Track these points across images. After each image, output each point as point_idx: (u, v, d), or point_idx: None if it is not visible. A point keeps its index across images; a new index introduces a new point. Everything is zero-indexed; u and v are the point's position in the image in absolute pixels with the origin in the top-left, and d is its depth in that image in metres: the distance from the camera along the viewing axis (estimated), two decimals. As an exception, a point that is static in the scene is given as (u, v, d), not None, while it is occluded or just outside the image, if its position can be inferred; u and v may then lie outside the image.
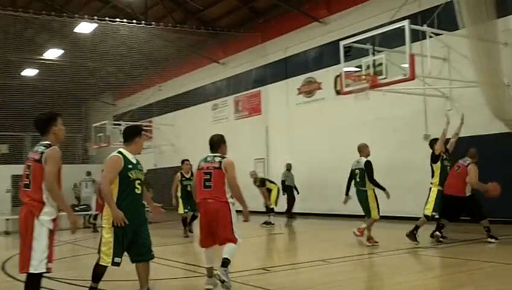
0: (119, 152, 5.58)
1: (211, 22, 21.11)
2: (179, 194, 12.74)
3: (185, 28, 19.88)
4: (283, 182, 17.14)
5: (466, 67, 12.23)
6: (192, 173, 12.23)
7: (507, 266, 7.25)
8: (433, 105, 13.99)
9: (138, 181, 5.54)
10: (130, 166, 5.51)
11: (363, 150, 10.11)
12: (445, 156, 10.10)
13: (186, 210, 12.52)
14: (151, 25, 19.21)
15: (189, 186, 12.18)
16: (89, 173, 23.79)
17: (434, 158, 10.10)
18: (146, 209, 5.88)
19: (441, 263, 8.42)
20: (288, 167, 17.43)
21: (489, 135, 12.40)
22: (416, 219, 10.09)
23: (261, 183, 15.17)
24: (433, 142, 10.42)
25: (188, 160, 12.98)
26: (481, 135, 12.58)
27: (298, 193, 17.27)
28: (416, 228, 9.63)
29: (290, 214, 17.14)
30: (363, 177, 9.82)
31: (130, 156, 5.59)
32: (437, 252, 9.08)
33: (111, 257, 5.34)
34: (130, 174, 5.45)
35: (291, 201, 17.22)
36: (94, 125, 26.04)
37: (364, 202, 9.79)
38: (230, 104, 22.34)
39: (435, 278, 6.97)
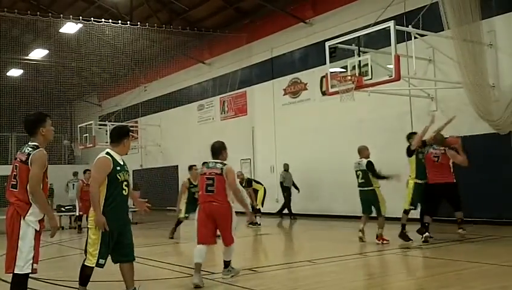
0: (108, 153, 5.52)
1: (197, 23, 21.06)
2: (185, 200, 12.07)
3: (170, 28, 19.81)
4: (281, 183, 17.06)
5: (451, 68, 12.34)
6: None
7: (492, 266, 7.32)
8: (419, 106, 14.09)
9: (125, 183, 5.52)
10: (119, 167, 5.46)
11: (363, 151, 10.27)
12: (420, 150, 10.16)
13: (187, 215, 11.89)
14: (136, 25, 19.13)
15: (196, 193, 11.56)
16: (75, 174, 23.61)
17: (409, 152, 10.19)
18: (133, 209, 5.91)
19: (429, 263, 8.47)
20: (286, 168, 17.28)
21: (474, 136, 12.52)
22: (394, 219, 10.17)
23: (248, 184, 15.17)
24: (410, 136, 10.49)
25: (195, 165, 12.14)
26: (466, 135, 12.68)
27: (299, 192, 17.05)
28: (403, 226, 9.71)
29: (290, 214, 16.93)
30: (367, 178, 9.95)
31: (117, 157, 5.54)
32: (424, 253, 9.14)
33: (96, 258, 5.31)
34: (118, 176, 5.42)
35: (286, 202, 17.08)
36: (80, 125, 25.86)
37: (374, 201, 9.93)
38: (216, 105, 22.31)
39: (422, 279, 7.01)
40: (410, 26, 12.14)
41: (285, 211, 17.18)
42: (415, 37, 12.13)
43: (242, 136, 20.30)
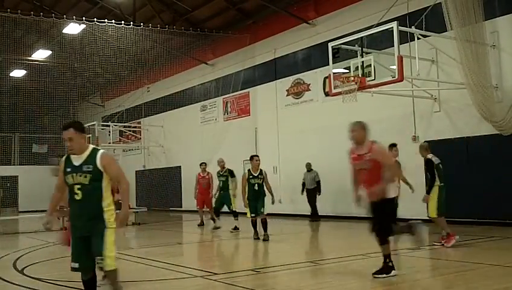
0: (66, 154, 5.11)
1: (200, 23, 21.07)
2: (246, 195, 11.65)
3: (173, 29, 19.83)
4: (303, 183, 16.71)
5: (454, 69, 12.33)
6: (261, 170, 11.62)
7: (495, 267, 7.30)
8: (422, 106, 14.07)
9: (78, 186, 4.89)
10: (69, 169, 4.93)
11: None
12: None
13: (254, 214, 11.51)
14: (139, 26, 19.16)
15: (256, 185, 11.54)
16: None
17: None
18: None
19: (430, 264, 8.46)
20: (308, 167, 16.73)
21: (478, 137, 12.49)
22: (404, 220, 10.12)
23: (231, 174, 14.49)
24: (390, 148, 10.46)
25: (257, 156, 12.00)
26: (469, 136, 12.68)
27: (319, 194, 16.45)
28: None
29: (313, 216, 16.47)
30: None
31: (74, 157, 4.96)
32: (424, 254, 9.12)
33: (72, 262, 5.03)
34: (67, 180, 4.96)
35: (310, 203, 16.63)
36: (82, 126, 25.84)
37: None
38: (219, 105, 22.31)
39: (424, 279, 7.00)
40: (413, 27, 12.17)
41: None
42: (418, 38, 12.12)
43: (245, 136, 20.30)
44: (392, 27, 11.30)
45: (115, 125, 26.48)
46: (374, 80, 11.75)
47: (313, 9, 17.69)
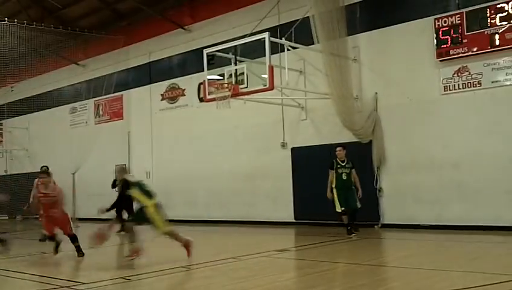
0: None
1: (71, 22, 20.18)
2: (333, 185, 11.38)
3: (41, 26, 18.78)
4: None
5: (320, 80, 13.12)
6: (346, 160, 11.43)
7: (355, 266, 7.91)
8: (290, 114, 14.79)
9: None
10: None
11: None
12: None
13: (343, 208, 11.23)
14: (3, 21, 17.89)
15: (344, 174, 11.22)
16: None
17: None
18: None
19: (295, 265, 8.92)
20: None
21: (339, 144, 13.34)
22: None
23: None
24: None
25: (342, 146, 11.81)
26: (332, 143, 13.51)
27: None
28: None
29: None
30: None
31: None
32: (291, 255, 9.60)
33: None
34: None
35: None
36: None
37: None
38: (90, 108, 21.54)
39: (289, 280, 7.37)
40: (283, 38, 12.69)
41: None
42: (288, 49, 12.69)
43: (117, 140, 19.80)
44: (264, 37, 11.74)
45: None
46: (247, 87, 12.11)
47: (189, 14, 17.79)
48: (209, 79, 12.91)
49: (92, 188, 19.03)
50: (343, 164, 11.59)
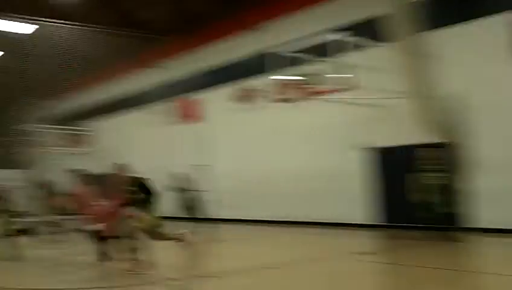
0: None
1: (145, 24, 20.43)
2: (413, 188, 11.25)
3: (120, 30, 19.25)
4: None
5: (398, 78, 12.55)
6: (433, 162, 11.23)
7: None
8: (368, 114, 14.27)
9: None
10: None
11: None
12: None
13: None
14: (88, 26, 18.49)
15: (430, 177, 11.13)
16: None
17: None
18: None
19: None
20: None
21: (421, 145, 12.72)
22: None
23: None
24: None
25: (426, 147, 11.62)
26: (412, 144, 12.97)
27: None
28: None
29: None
30: None
31: None
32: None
33: None
34: None
35: None
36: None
37: None
38: (169, 110, 21.98)
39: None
40: (359, 36, 12.37)
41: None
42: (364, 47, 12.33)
43: (194, 142, 20.06)
44: (341, 37, 11.48)
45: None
46: (325, 87, 11.91)
47: (263, 14, 17.68)
48: (285, 79, 12.81)
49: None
50: (428, 166, 11.08)
